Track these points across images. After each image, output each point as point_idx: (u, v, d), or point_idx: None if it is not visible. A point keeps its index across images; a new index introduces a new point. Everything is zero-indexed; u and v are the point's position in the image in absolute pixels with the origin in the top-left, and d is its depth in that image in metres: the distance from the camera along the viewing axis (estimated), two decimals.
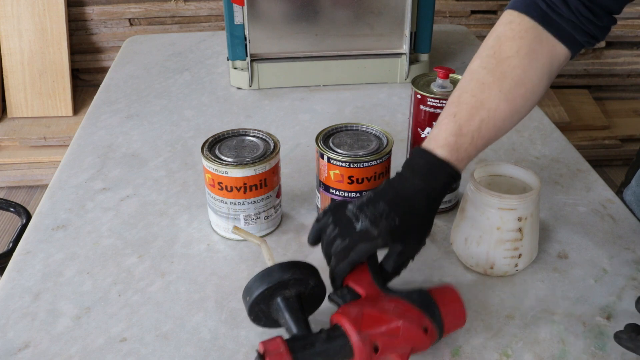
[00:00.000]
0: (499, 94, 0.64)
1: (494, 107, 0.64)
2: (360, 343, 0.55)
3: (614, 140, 2.35)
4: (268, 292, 0.59)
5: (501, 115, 0.64)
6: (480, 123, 0.63)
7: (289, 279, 0.59)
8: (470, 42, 1.46)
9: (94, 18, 2.29)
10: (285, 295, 0.60)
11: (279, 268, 0.60)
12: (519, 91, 0.64)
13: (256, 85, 1.20)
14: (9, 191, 2.25)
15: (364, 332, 0.55)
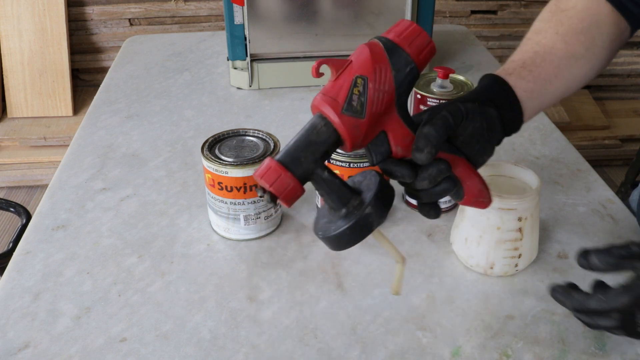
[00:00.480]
0: (555, 35, 0.65)
1: (550, 45, 0.65)
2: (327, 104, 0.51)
3: (614, 140, 2.36)
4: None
5: (559, 53, 0.64)
6: (534, 54, 0.64)
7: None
8: (470, 42, 1.46)
9: (94, 18, 2.29)
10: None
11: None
12: (578, 38, 0.65)
13: (256, 85, 1.20)
14: (9, 191, 2.25)
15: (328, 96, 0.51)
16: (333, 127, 0.52)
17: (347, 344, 0.64)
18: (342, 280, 0.72)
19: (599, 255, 0.56)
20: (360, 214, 0.52)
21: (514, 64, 0.63)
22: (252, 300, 0.69)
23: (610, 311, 0.55)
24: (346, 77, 0.51)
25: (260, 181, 0.52)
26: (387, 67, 0.52)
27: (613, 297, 0.54)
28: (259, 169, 0.53)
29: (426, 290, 0.70)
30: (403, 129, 0.54)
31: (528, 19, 2.39)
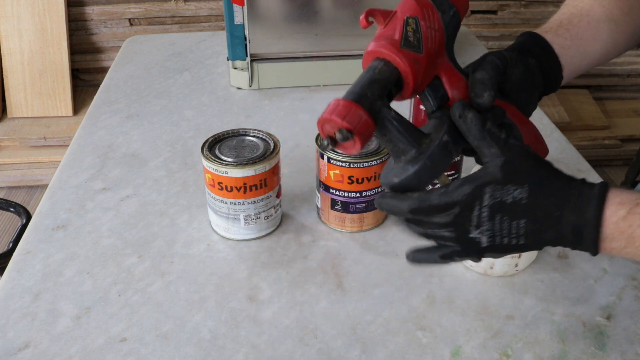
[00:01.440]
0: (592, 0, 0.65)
1: (587, 8, 0.65)
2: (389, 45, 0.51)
3: (614, 140, 2.36)
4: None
5: (596, 16, 0.65)
6: (570, 16, 0.64)
7: None
8: (470, 42, 1.46)
9: (94, 18, 2.29)
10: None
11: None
12: (616, 3, 0.65)
13: (256, 85, 1.20)
14: (9, 191, 2.25)
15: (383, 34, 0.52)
16: (393, 65, 0.52)
17: (347, 344, 0.64)
18: (342, 280, 0.72)
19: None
20: (438, 141, 0.51)
21: (551, 24, 0.64)
22: (252, 300, 0.69)
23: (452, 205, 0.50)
24: (396, 20, 0.53)
25: (332, 118, 0.50)
26: (432, 9, 0.54)
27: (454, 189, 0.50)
28: (326, 111, 0.51)
29: (426, 290, 0.70)
30: (455, 73, 0.55)
31: (528, 19, 2.39)
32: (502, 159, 0.49)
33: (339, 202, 0.78)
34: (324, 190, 0.78)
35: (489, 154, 0.50)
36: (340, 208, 0.78)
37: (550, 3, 2.37)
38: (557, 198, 0.49)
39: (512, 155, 0.50)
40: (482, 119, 0.50)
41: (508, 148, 0.50)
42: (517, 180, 0.49)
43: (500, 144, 0.50)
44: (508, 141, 0.50)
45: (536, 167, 0.50)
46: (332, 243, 0.78)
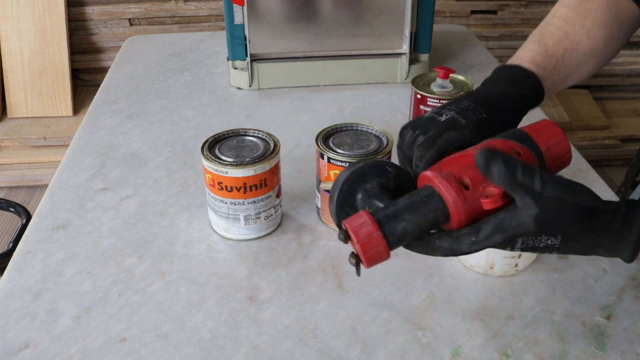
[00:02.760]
0: (582, 29, 0.65)
1: (577, 40, 0.65)
2: (444, 181, 0.48)
3: (614, 140, 2.36)
4: (347, 189, 0.54)
5: (583, 49, 0.65)
6: (564, 51, 0.64)
7: (362, 166, 0.54)
8: (470, 42, 1.46)
9: (94, 18, 2.29)
10: (366, 189, 0.54)
11: (348, 166, 0.55)
12: (600, 33, 0.66)
13: (256, 85, 1.20)
14: (9, 191, 2.25)
15: (445, 172, 0.49)
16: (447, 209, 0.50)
17: (347, 344, 0.64)
18: (342, 280, 0.72)
19: None
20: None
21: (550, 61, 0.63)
22: (252, 300, 0.69)
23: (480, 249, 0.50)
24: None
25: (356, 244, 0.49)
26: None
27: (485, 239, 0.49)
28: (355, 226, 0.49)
29: (426, 290, 0.70)
30: None
31: (528, 19, 2.39)
32: (537, 211, 0.47)
33: None
34: (324, 190, 0.78)
35: (522, 202, 0.47)
36: None
37: (550, 3, 2.37)
38: (591, 245, 0.49)
39: (546, 206, 0.47)
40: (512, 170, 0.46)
41: (542, 200, 0.47)
42: (551, 231, 0.48)
43: (533, 195, 0.47)
44: (543, 193, 0.46)
45: (571, 218, 0.48)
46: (332, 243, 0.78)
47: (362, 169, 0.54)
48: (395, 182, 0.55)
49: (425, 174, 0.50)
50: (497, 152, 0.47)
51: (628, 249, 0.48)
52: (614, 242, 0.48)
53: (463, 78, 0.81)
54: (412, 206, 0.49)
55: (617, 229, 0.48)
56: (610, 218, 0.48)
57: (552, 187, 0.46)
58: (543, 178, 0.47)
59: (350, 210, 0.54)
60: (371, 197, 0.54)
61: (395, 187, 0.55)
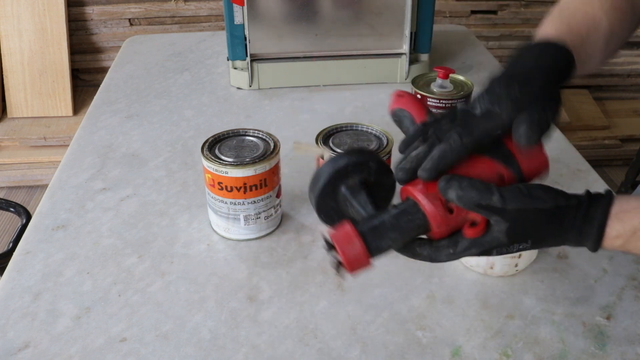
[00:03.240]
0: (600, 9, 0.64)
1: (597, 20, 0.64)
2: (431, 204, 0.51)
3: (614, 140, 2.35)
4: (329, 186, 0.56)
5: (602, 31, 0.64)
6: (587, 30, 0.62)
7: (345, 164, 0.56)
8: (470, 42, 1.46)
9: (94, 18, 2.29)
10: (348, 185, 0.56)
11: (331, 160, 0.56)
12: (617, 15, 0.65)
13: (256, 85, 1.20)
14: (9, 191, 2.25)
15: (432, 194, 0.51)
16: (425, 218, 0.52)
17: (347, 344, 0.64)
18: (342, 281, 0.72)
19: None
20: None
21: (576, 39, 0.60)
22: (252, 300, 0.69)
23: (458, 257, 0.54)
24: None
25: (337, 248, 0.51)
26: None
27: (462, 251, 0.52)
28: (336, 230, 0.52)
29: (426, 290, 0.70)
30: None
31: (528, 19, 2.39)
32: (506, 225, 0.50)
33: None
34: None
35: (491, 220, 0.51)
36: None
37: (550, 3, 2.37)
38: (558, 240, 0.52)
39: (513, 219, 0.50)
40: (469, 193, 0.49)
41: (507, 214, 0.50)
42: (522, 239, 0.52)
43: (497, 212, 0.49)
44: (505, 208, 0.49)
45: (538, 223, 0.51)
46: None
47: (345, 166, 0.56)
48: (375, 175, 0.57)
49: (414, 193, 0.52)
50: (453, 177, 0.50)
51: (590, 241, 0.51)
52: (577, 235, 0.51)
53: (463, 78, 0.81)
54: (398, 225, 0.52)
55: (579, 224, 0.51)
56: (573, 214, 0.51)
57: (513, 201, 0.49)
58: (502, 194, 0.49)
59: (331, 202, 0.57)
60: (353, 193, 0.56)
61: (375, 181, 0.57)
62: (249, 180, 0.73)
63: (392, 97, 0.60)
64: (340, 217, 0.57)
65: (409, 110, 0.58)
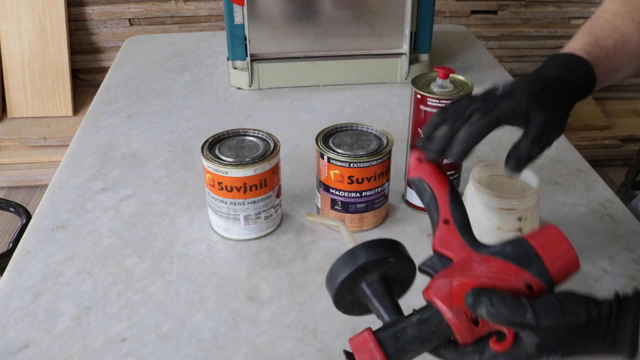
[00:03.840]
0: (631, 23, 0.65)
1: (627, 33, 0.65)
2: (456, 319, 0.49)
3: (614, 140, 2.35)
4: (347, 283, 0.53)
5: (634, 42, 0.65)
6: (615, 43, 0.64)
7: (364, 263, 0.53)
8: (470, 42, 1.46)
9: (94, 18, 2.29)
10: (368, 281, 0.53)
11: (349, 254, 0.53)
12: None
13: (256, 85, 1.20)
14: (9, 191, 2.25)
15: (457, 306, 0.49)
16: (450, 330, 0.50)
17: (347, 344, 0.63)
18: None
19: None
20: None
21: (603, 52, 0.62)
22: (252, 300, 0.69)
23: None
24: None
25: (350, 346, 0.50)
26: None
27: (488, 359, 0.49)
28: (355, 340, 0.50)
29: None
30: None
31: (528, 19, 2.39)
32: (536, 340, 0.47)
33: (339, 202, 0.78)
34: (324, 190, 0.78)
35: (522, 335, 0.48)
36: (340, 208, 0.78)
37: (550, 3, 2.37)
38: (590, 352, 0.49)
39: (545, 334, 0.47)
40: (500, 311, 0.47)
41: (540, 328, 0.47)
42: (552, 352, 0.48)
43: (530, 328, 0.47)
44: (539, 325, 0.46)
45: (571, 338, 0.48)
46: (332, 243, 0.78)
47: (365, 264, 0.53)
48: (396, 269, 0.55)
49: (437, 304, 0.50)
50: (482, 292, 0.48)
51: (625, 351, 0.48)
52: (611, 346, 0.48)
53: (463, 78, 0.81)
54: (421, 335, 0.49)
55: (611, 334, 0.48)
56: (605, 326, 0.48)
57: (547, 318, 0.47)
58: (535, 311, 0.47)
59: (350, 297, 0.54)
60: (372, 291, 0.53)
61: (395, 275, 0.55)
62: (249, 180, 0.73)
63: (411, 160, 0.59)
64: (360, 308, 0.56)
65: (428, 180, 0.57)
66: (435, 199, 0.56)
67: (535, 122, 0.56)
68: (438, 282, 0.51)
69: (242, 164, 0.73)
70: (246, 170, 0.72)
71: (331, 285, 0.54)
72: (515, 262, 0.50)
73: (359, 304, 0.55)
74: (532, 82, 0.57)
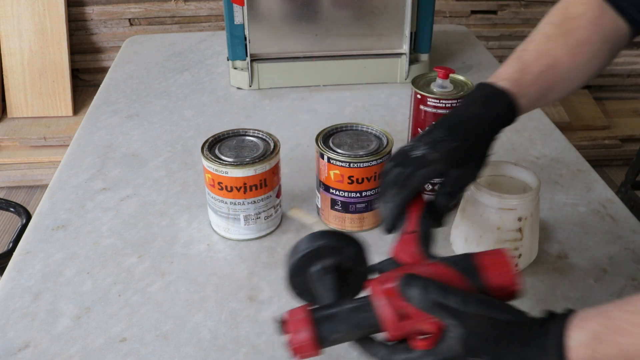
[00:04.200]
0: (563, 46, 0.66)
1: (558, 57, 0.65)
2: (385, 309, 0.51)
3: (614, 140, 2.35)
4: (302, 265, 0.56)
5: (564, 66, 0.66)
6: (544, 67, 0.65)
7: (321, 245, 0.56)
8: (470, 42, 1.46)
9: (94, 18, 2.29)
10: (320, 266, 0.56)
11: (309, 237, 0.57)
12: (583, 49, 0.66)
13: (256, 85, 1.20)
14: (9, 191, 2.25)
15: (391, 299, 0.51)
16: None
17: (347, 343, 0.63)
18: None
19: None
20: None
21: (528, 79, 0.63)
22: (252, 300, 0.69)
23: None
24: None
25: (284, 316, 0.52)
26: None
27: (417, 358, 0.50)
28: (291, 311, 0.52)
29: None
30: None
31: (528, 19, 2.39)
32: (462, 332, 0.48)
33: (339, 202, 0.78)
34: (324, 190, 0.78)
35: (447, 324, 0.48)
36: (340, 208, 0.78)
37: (550, 3, 2.37)
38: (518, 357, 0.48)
39: (470, 325, 0.48)
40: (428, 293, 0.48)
41: (465, 318, 0.47)
42: (479, 352, 0.49)
43: (455, 314, 0.48)
44: (463, 311, 0.47)
45: (495, 336, 0.48)
46: None
47: (321, 247, 0.56)
48: (351, 262, 0.57)
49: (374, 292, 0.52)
50: (414, 276, 0.49)
51: (553, 356, 0.47)
52: (538, 352, 0.47)
53: (463, 78, 0.81)
54: (351, 320, 0.52)
55: (537, 338, 0.48)
56: (530, 328, 0.48)
57: (473, 305, 0.47)
58: (462, 297, 0.48)
59: (303, 279, 0.57)
60: (321, 276, 0.56)
61: (350, 267, 0.57)
62: (249, 180, 0.73)
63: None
64: (310, 295, 0.58)
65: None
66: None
67: (450, 178, 0.59)
68: (381, 276, 0.54)
69: (242, 164, 0.73)
70: (246, 170, 0.72)
71: (288, 262, 0.57)
72: (460, 270, 0.52)
73: (309, 291, 0.57)
74: (450, 138, 0.58)
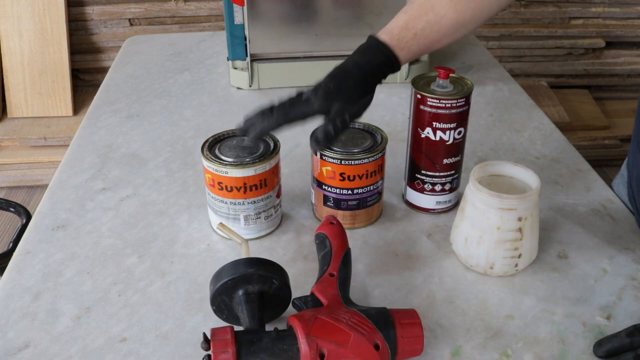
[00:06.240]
0: (449, 2, 0.70)
1: (442, 13, 0.70)
2: (307, 346, 0.55)
3: (614, 140, 2.36)
4: (231, 284, 0.60)
5: (447, 22, 0.71)
6: (425, 24, 0.70)
7: (252, 273, 0.60)
8: (470, 42, 1.46)
9: (94, 18, 2.29)
10: (247, 290, 0.61)
11: (245, 262, 0.62)
12: (469, 5, 0.71)
13: (256, 85, 1.20)
14: (9, 191, 2.25)
15: (312, 337, 0.55)
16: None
17: None
18: None
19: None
20: None
21: (408, 33, 0.70)
22: None
23: None
24: None
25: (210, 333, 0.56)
26: None
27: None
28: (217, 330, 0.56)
29: (426, 290, 0.70)
30: None
31: (528, 19, 2.39)
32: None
33: (331, 199, 0.78)
34: (317, 186, 0.79)
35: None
36: (332, 204, 0.79)
37: (550, 3, 2.37)
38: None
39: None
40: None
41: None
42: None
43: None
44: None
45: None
46: None
47: (250, 275, 0.61)
48: (276, 291, 0.62)
49: (297, 329, 0.56)
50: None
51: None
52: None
53: (463, 78, 0.81)
54: (273, 350, 0.55)
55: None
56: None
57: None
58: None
59: (226, 299, 0.62)
60: (247, 301, 0.60)
61: (274, 295, 0.62)
62: (249, 180, 0.73)
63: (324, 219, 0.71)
64: (230, 313, 0.63)
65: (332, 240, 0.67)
66: (331, 256, 0.65)
67: (332, 111, 0.68)
68: (304, 313, 0.59)
69: (242, 164, 0.73)
70: (246, 170, 0.72)
71: (214, 282, 0.61)
72: (374, 322, 0.57)
73: (231, 310, 0.62)
74: (328, 82, 0.70)
